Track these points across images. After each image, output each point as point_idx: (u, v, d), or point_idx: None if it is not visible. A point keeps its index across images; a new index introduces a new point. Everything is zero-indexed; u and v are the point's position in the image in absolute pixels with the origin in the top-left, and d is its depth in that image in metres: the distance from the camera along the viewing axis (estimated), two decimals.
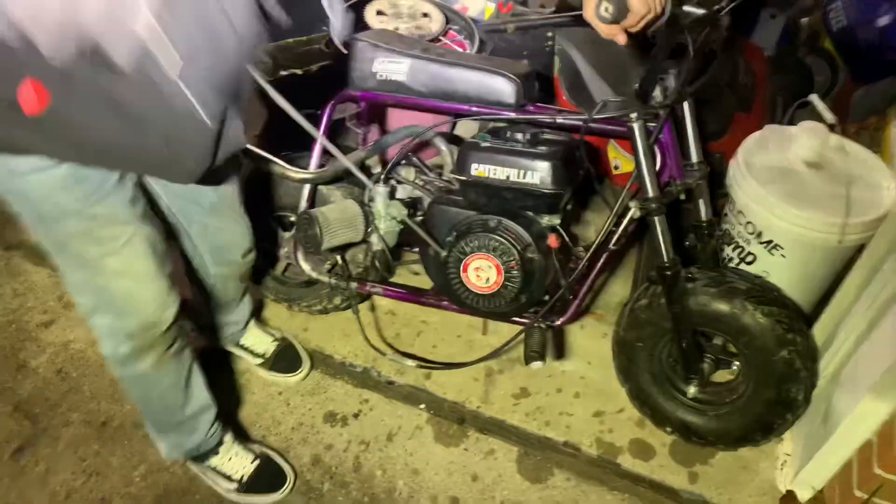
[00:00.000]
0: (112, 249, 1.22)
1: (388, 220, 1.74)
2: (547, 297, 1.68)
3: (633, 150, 1.46)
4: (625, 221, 1.57)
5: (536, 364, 1.56)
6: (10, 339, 2.09)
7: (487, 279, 1.64)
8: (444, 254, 1.67)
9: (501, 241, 1.59)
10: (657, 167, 1.55)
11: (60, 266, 1.27)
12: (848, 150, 1.89)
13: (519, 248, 1.59)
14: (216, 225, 1.54)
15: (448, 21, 2.13)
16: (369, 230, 1.77)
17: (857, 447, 1.50)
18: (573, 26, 2.26)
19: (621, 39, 1.27)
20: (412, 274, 2.20)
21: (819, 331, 1.76)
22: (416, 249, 1.84)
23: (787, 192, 1.75)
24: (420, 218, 1.78)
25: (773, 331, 1.51)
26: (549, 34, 2.30)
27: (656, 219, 1.50)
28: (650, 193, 1.47)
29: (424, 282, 1.88)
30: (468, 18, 2.15)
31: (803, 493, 1.66)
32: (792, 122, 1.95)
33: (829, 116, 1.76)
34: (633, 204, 1.50)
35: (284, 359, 1.97)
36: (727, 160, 1.99)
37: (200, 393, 1.59)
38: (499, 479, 1.75)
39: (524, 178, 1.55)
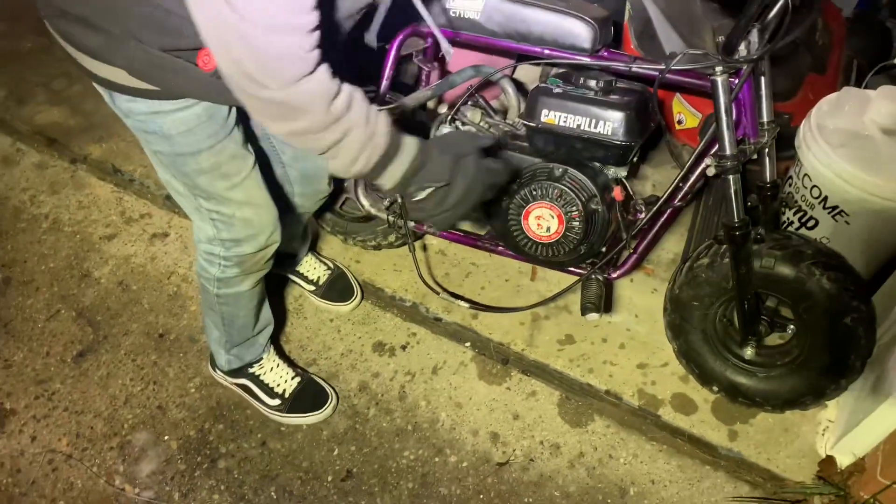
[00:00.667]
0: (236, 182, 1.32)
1: None
2: (605, 250, 1.68)
3: (714, 106, 1.41)
4: (693, 177, 1.54)
5: (592, 315, 1.56)
6: (75, 249, 2.17)
7: (548, 228, 1.64)
8: (506, 200, 1.66)
9: (566, 190, 1.58)
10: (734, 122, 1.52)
11: (186, 202, 1.37)
12: None
13: (583, 198, 1.57)
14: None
15: None
16: None
17: None
18: None
19: None
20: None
21: (879, 299, 1.73)
22: None
23: (859, 157, 1.70)
24: None
25: (837, 297, 1.49)
26: None
27: (731, 177, 1.46)
28: (728, 151, 1.43)
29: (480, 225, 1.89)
30: None
31: (843, 459, 1.67)
32: (868, 87, 1.87)
33: None
34: (708, 160, 1.46)
35: (336, 288, 2.01)
36: (796, 121, 1.94)
37: (267, 311, 1.70)
38: (539, 420, 1.79)
39: (595, 127, 1.52)
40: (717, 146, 1.47)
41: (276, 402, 1.75)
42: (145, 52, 1.06)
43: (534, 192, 1.61)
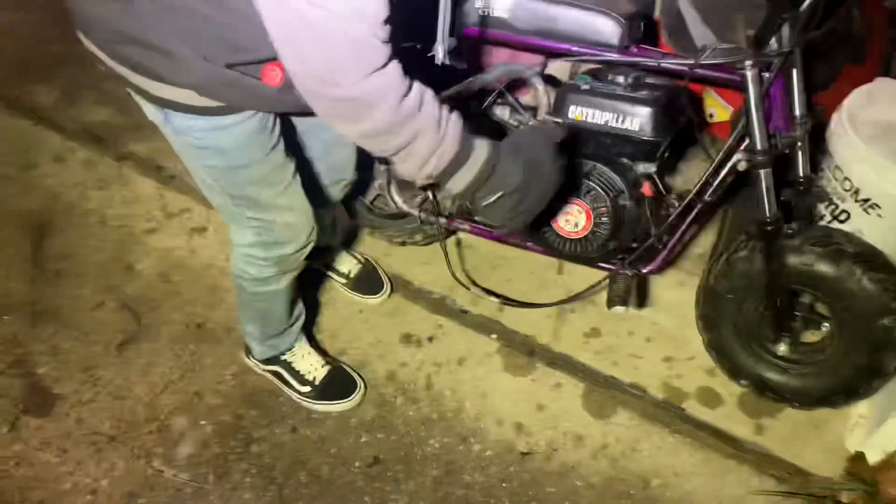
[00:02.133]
0: (280, 190, 1.37)
1: None
2: (635, 245, 1.68)
3: (745, 100, 1.39)
4: (723, 172, 1.52)
5: (619, 309, 1.56)
6: (120, 242, 2.27)
7: (576, 224, 1.64)
8: None
9: (594, 186, 1.58)
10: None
11: (228, 212, 1.42)
12: None
13: (611, 194, 1.58)
14: (333, 141, 1.62)
15: None
16: None
17: None
18: None
19: None
20: None
21: None
22: None
23: (892, 149, 1.67)
24: None
25: (878, 297, 1.46)
26: None
27: (762, 172, 1.44)
28: (759, 146, 1.41)
29: None
30: None
31: (873, 456, 1.64)
32: None
33: None
34: (739, 155, 1.45)
35: (367, 280, 2.07)
36: (831, 113, 1.91)
37: (299, 302, 1.77)
38: (563, 412, 1.81)
39: (623, 123, 1.52)
40: (747, 141, 1.46)
41: (307, 388, 1.81)
42: (213, 70, 1.08)
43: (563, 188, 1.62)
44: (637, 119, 1.51)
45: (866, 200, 1.73)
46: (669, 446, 1.73)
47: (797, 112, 1.55)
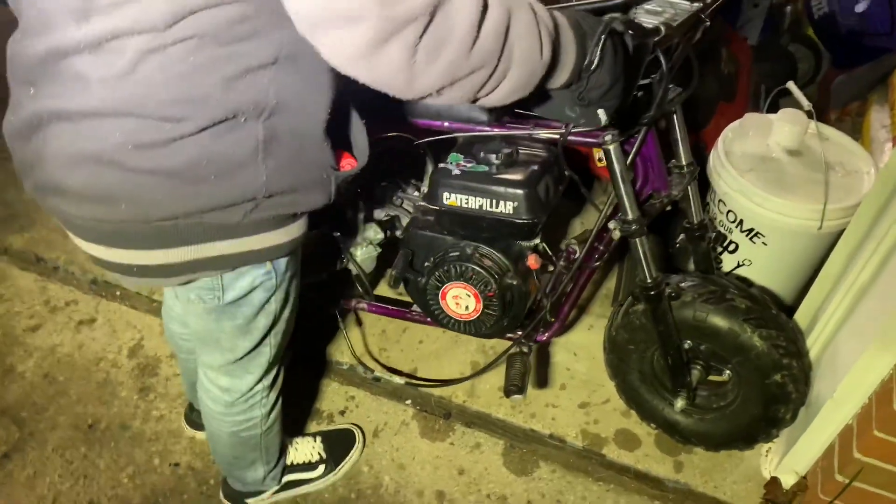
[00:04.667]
0: (293, 308, 1.29)
1: (364, 245, 1.71)
2: (528, 319, 1.63)
3: (610, 174, 1.36)
4: (603, 242, 1.52)
5: (517, 397, 1.51)
6: None
7: (467, 307, 1.59)
8: (422, 280, 1.60)
9: (478, 270, 1.52)
10: (640, 181, 1.49)
11: (253, 356, 1.29)
12: (827, 136, 1.90)
13: (497, 276, 1.51)
14: None
15: None
16: (343, 258, 1.72)
17: (838, 432, 1.51)
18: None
19: None
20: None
21: (801, 316, 1.76)
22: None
23: (767, 179, 1.76)
24: (399, 234, 1.72)
25: (769, 355, 1.48)
26: None
27: (637, 240, 1.41)
28: (630, 216, 1.38)
29: None
30: None
31: (787, 479, 1.67)
32: (776, 111, 1.94)
33: (804, 103, 1.76)
34: (612, 224, 1.42)
35: None
36: (709, 149, 1.99)
37: None
38: (485, 473, 1.76)
39: (497, 207, 1.45)
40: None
41: (322, 467, 1.72)
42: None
43: (447, 273, 1.55)
44: (510, 203, 1.43)
45: (751, 230, 1.80)
46: (594, 496, 1.70)
47: (683, 161, 1.55)
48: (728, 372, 1.64)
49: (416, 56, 0.75)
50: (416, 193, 1.81)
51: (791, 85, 1.78)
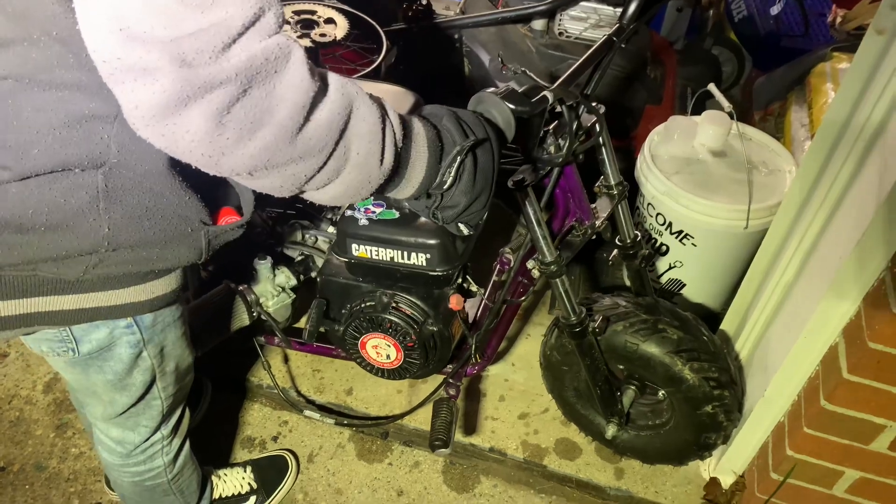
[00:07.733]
0: (181, 357, 1.20)
1: (276, 294, 1.64)
2: (453, 361, 1.59)
3: (524, 217, 1.28)
4: (528, 274, 1.43)
5: (443, 451, 1.45)
6: None
7: (388, 356, 1.53)
8: (339, 330, 1.53)
9: (395, 321, 1.44)
10: (561, 212, 1.44)
11: (141, 406, 1.19)
12: (750, 136, 1.93)
13: (416, 325, 1.45)
14: None
15: (353, 26, 2.08)
16: (254, 312, 1.62)
17: (771, 430, 1.52)
18: (479, 27, 2.25)
19: None
20: None
21: (731, 315, 1.78)
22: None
23: (694, 181, 1.77)
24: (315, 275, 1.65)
25: (700, 388, 1.46)
26: (457, 35, 2.28)
27: (556, 280, 1.34)
28: (547, 258, 1.31)
29: None
30: (374, 23, 2.10)
31: (726, 479, 1.67)
32: (702, 112, 1.96)
33: (725, 104, 1.77)
34: (530, 264, 1.35)
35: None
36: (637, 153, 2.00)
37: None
38: (424, 493, 1.71)
39: (409, 259, 1.38)
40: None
41: (254, 498, 1.64)
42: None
43: (365, 324, 1.48)
44: (422, 255, 1.36)
45: (679, 232, 1.80)
46: None
47: (612, 181, 1.49)
48: (662, 392, 1.62)
49: (223, 130, 0.66)
50: (331, 229, 1.72)
51: (712, 87, 1.79)
